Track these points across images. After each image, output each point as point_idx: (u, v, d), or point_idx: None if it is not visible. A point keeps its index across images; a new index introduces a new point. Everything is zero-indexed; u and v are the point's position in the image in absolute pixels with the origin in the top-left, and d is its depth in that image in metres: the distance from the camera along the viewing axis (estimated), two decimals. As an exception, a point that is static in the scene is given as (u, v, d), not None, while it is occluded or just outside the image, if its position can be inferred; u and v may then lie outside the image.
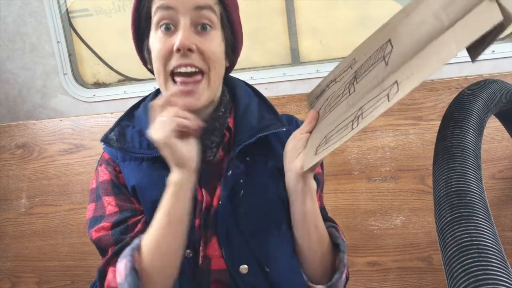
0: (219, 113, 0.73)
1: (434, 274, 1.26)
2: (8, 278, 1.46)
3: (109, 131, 0.75)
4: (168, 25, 0.64)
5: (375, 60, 0.55)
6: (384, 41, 0.55)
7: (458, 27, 0.43)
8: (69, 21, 1.62)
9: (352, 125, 0.54)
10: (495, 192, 1.25)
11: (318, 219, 0.70)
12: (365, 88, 0.55)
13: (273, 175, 0.73)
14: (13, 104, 1.66)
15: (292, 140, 0.68)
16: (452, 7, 0.45)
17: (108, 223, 0.71)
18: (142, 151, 0.72)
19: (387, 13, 0.59)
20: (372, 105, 0.51)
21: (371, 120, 0.50)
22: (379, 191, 1.29)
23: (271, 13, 1.56)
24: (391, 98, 0.48)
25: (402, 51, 0.50)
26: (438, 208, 0.49)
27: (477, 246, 0.40)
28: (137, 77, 1.66)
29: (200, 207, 0.70)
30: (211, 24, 0.65)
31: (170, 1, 0.63)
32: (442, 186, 0.50)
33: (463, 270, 0.38)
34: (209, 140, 0.72)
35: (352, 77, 0.61)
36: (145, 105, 0.78)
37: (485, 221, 0.43)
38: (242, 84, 0.81)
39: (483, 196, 0.48)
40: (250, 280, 0.69)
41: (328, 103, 0.66)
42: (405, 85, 0.46)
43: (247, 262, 0.69)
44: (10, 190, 1.46)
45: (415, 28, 0.49)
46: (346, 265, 0.72)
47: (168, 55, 0.65)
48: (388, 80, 0.51)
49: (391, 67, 0.51)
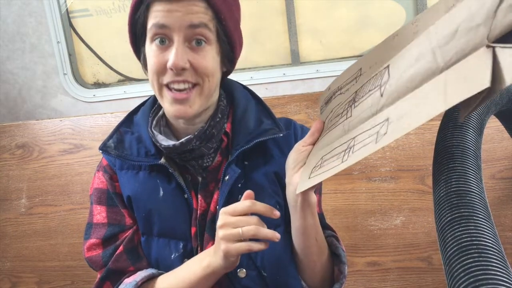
0: (217, 119, 0.72)
1: (434, 274, 1.26)
2: (8, 278, 1.46)
3: (108, 139, 0.75)
4: (162, 39, 0.64)
5: (372, 86, 0.55)
6: (384, 65, 0.54)
7: (450, 76, 0.41)
8: (69, 21, 1.62)
9: (343, 157, 0.53)
10: (495, 192, 1.25)
11: (318, 232, 0.69)
12: (360, 116, 0.55)
13: (270, 179, 0.73)
14: (13, 104, 1.66)
15: (293, 153, 0.66)
16: (448, 47, 0.42)
17: (98, 240, 0.73)
18: (140, 159, 0.72)
19: (387, 13, 0.58)
20: (362, 140, 0.51)
21: (357, 159, 0.50)
22: (379, 191, 1.29)
23: (271, 13, 1.56)
24: (379, 140, 0.47)
25: (397, 84, 0.49)
26: (438, 208, 0.49)
27: (477, 246, 0.40)
28: (137, 77, 1.66)
29: (195, 215, 0.71)
30: (205, 40, 0.64)
31: (164, 20, 0.62)
32: (442, 186, 0.50)
33: (463, 270, 0.38)
34: (206, 147, 0.71)
35: (352, 98, 0.60)
36: (144, 110, 0.78)
37: (485, 221, 0.43)
38: (240, 87, 0.81)
39: (483, 196, 0.48)
40: (248, 284, 0.69)
41: (331, 116, 0.65)
42: (394, 129, 0.46)
43: (245, 266, 0.69)
44: (10, 190, 1.46)
45: (412, 62, 0.47)
46: (346, 277, 0.73)
47: (162, 70, 0.65)
48: (381, 115, 0.51)
49: (385, 99, 0.50)
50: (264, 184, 0.73)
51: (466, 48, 0.39)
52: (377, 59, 0.58)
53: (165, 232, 0.72)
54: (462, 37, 0.40)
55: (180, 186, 0.71)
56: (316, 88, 1.50)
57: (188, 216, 0.72)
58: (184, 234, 0.71)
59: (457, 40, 0.41)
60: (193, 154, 0.71)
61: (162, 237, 0.72)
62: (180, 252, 0.71)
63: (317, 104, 1.32)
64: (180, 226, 0.72)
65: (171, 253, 0.71)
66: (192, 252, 0.71)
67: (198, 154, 0.71)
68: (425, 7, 1.46)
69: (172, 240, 0.72)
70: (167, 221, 0.72)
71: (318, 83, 1.52)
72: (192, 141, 0.68)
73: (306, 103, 1.33)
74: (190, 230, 0.71)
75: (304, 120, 1.33)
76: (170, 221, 0.72)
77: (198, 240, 0.71)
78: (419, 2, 1.46)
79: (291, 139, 0.78)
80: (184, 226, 0.72)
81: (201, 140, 0.70)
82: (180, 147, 0.68)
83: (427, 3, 1.47)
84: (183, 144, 0.68)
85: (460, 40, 0.40)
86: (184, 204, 0.72)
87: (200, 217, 0.71)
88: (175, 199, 0.72)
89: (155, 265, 0.73)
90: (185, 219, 0.72)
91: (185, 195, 0.72)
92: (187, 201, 0.72)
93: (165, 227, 0.72)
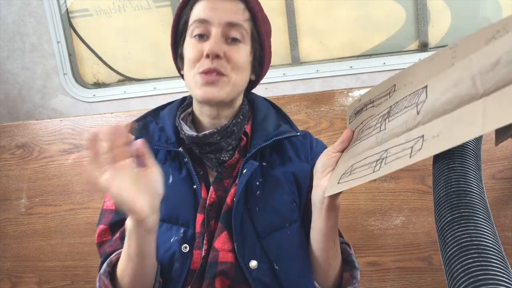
0: (238, 119, 0.77)
1: (434, 274, 1.26)
2: (8, 278, 1.46)
3: (134, 121, 0.79)
4: (201, 34, 0.71)
5: (408, 104, 0.57)
6: (422, 85, 0.56)
7: (489, 102, 0.43)
8: (69, 21, 1.62)
9: (375, 167, 0.56)
10: (495, 192, 1.25)
11: (337, 235, 0.73)
12: (394, 130, 0.57)
13: (288, 178, 0.77)
14: (13, 104, 1.66)
15: (323, 157, 0.69)
16: (489, 76, 0.44)
17: (105, 226, 0.77)
18: (159, 144, 0.77)
19: (387, 13, 0.59)
20: (396, 153, 0.54)
21: (390, 171, 0.52)
22: (379, 191, 1.29)
23: (271, 13, 1.54)
24: (413, 154, 0.49)
25: (434, 104, 0.51)
26: (438, 208, 0.49)
27: (477, 246, 0.40)
28: (137, 77, 1.66)
29: (203, 204, 0.73)
30: (240, 38, 0.72)
31: (205, 15, 0.70)
32: (442, 186, 0.50)
33: (463, 270, 0.38)
34: (226, 142, 0.75)
35: (387, 112, 0.62)
36: (171, 108, 0.83)
37: (485, 221, 0.43)
38: (261, 99, 0.87)
39: (483, 196, 0.48)
40: (258, 276, 0.71)
41: (362, 127, 0.68)
42: (429, 145, 0.48)
43: (258, 258, 0.71)
44: (10, 190, 1.46)
45: (451, 85, 0.49)
46: (359, 281, 0.75)
47: (198, 58, 0.71)
48: (416, 131, 0.53)
49: (421, 117, 0.53)
50: (282, 181, 0.77)
51: (507, 79, 0.42)
52: (413, 78, 0.60)
53: (169, 218, 0.74)
54: (503, 68, 0.43)
55: (190, 176, 0.75)
56: (316, 88, 1.50)
57: (193, 205, 0.74)
58: (187, 221, 0.73)
59: (498, 70, 0.43)
60: (212, 147, 0.74)
61: (166, 222, 0.74)
62: (179, 237, 0.72)
63: (317, 104, 1.32)
64: (184, 213, 0.73)
65: (171, 236, 0.73)
66: (191, 239, 0.72)
67: (217, 148, 0.75)
68: (425, 7, 1.46)
69: (174, 226, 0.73)
70: (173, 207, 0.73)
71: (318, 83, 1.52)
72: (214, 134, 0.73)
73: (306, 103, 1.33)
74: (194, 218, 0.73)
75: (304, 120, 1.33)
76: (175, 208, 0.74)
77: (205, 227, 0.72)
78: (419, 2, 1.46)
79: (307, 147, 0.83)
80: (188, 213, 0.73)
81: (222, 136, 0.74)
82: (202, 138, 0.73)
83: (427, 3, 1.47)
84: (206, 136, 0.73)
85: (501, 71, 0.43)
86: (191, 193, 0.74)
87: (208, 207, 0.73)
88: (183, 188, 0.75)
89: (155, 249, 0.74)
90: (190, 207, 0.74)
91: (194, 186, 0.74)
92: (195, 191, 0.74)
93: (169, 213, 0.73)
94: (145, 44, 1.64)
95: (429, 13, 1.48)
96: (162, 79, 1.64)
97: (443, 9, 1.48)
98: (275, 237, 0.73)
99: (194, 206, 0.74)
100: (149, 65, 1.66)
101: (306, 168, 0.80)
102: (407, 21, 1.49)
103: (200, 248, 0.71)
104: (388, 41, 1.51)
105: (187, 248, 0.71)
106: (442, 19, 1.49)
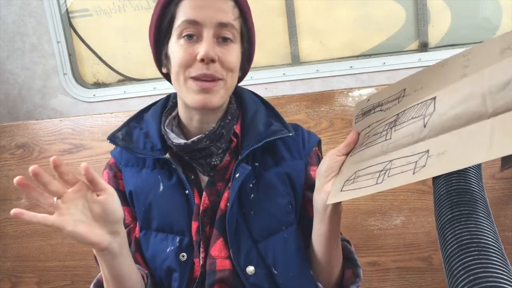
0: (226, 121, 0.74)
1: (434, 274, 1.26)
2: (8, 278, 1.46)
3: (117, 130, 0.77)
4: (191, 35, 0.67)
5: (416, 114, 0.56)
6: (431, 96, 0.55)
7: (497, 124, 0.42)
8: (69, 21, 1.62)
9: (378, 178, 0.56)
10: (495, 192, 1.25)
11: (339, 236, 0.72)
12: (400, 141, 0.57)
13: (282, 180, 0.75)
14: (13, 104, 1.66)
15: (327, 160, 0.67)
16: (499, 95, 0.44)
17: None
18: (145, 152, 0.74)
19: (387, 13, 0.59)
20: (400, 165, 0.53)
21: (392, 186, 0.52)
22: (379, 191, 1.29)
23: (271, 13, 1.56)
24: (417, 171, 0.49)
25: (442, 119, 0.50)
26: (438, 206, 0.49)
27: (477, 244, 0.40)
28: (137, 77, 1.66)
29: (197, 211, 0.71)
30: (232, 38, 0.69)
31: (196, 16, 0.66)
32: (442, 184, 0.50)
33: (463, 268, 0.38)
34: (216, 147, 0.73)
35: (394, 120, 0.61)
36: (155, 109, 0.80)
37: (485, 219, 0.43)
38: (249, 93, 0.83)
39: (484, 194, 0.48)
40: (256, 281, 0.70)
41: (368, 132, 0.67)
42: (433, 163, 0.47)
43: (254, 264, 0.70)
44: (10, 190, 1.46)
45: (460, 100, 0.49)
46: (361, 279, 0.75)
47: (189, 63, 0.67)
48: (421, 144, 0.52)
49: (428, 131, 0.52)
50: (276, 183, 0.74)
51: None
52: (423, 84, 0.59)
53: (163, 227, 0.73)
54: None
55: (181, 182, 0.72)
56: (316, 88, 1.50)
57: (187, 212, 0.72)
58: (182, 229, 0.72)
59: (508, 91, 0.43)
60: (203, 153, 0.72)
61: (161, 231, 0.73)
62: (175, 246, 0.71)
63: (317, 104, 1.32)
64: (178, 221, 0.72)
65: (167, 246, 0.72)
66: (189, 247, 0.71)
67: (207, 153, 0.72)
68: (425, 7, 1.46)
69: (170, 235, 0.72)
70: (166, 215, 0.73)
71: (318, 83, 1.52)
72: (202, 140, 0.70)
73: (306, 103, 1.33)
74: (189, 225, 0.72)
75: (303, 120, 1.33)
76: (169, 216, 0.73)
77: (201, 234, 0.71)
78: (419, 2, 1.46)
79: (299, 143, 0.80)
80: (182, 221, 0.72)
81: (210, 140, 0.71)
82: (191, 145, 0.70)
83: (427, 3, 1.47)
84: (194, 142, 0.70)
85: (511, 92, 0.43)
86: (184, 199, 0.73)
87: (202, 213, 0.71)
88: (175, 195, 0.73)
89: (151, 260, 0.73)
90: (183, 214, 0.72)
91: (186, 191, 0.72)
92: (188, 197, 0.72)
93: (163, 222, 0.73)
94: (145, 44, 1.61)
95: (429, 13, 1.48)
96: (162, 79, 1.61)
97: (443, 9, 1.48)
98: (271, 241, 0.72)
99: (188, 213, 0.72)
100: (149, 65, 1.65)
101: (300, 165, 0.78)
102: (407, 21, 1.49)
103: (198, 256, 0.70)
104: (388, 41, 1.51)
105: (185, 256, 0.70)
106: (442, 19, 1.49)
